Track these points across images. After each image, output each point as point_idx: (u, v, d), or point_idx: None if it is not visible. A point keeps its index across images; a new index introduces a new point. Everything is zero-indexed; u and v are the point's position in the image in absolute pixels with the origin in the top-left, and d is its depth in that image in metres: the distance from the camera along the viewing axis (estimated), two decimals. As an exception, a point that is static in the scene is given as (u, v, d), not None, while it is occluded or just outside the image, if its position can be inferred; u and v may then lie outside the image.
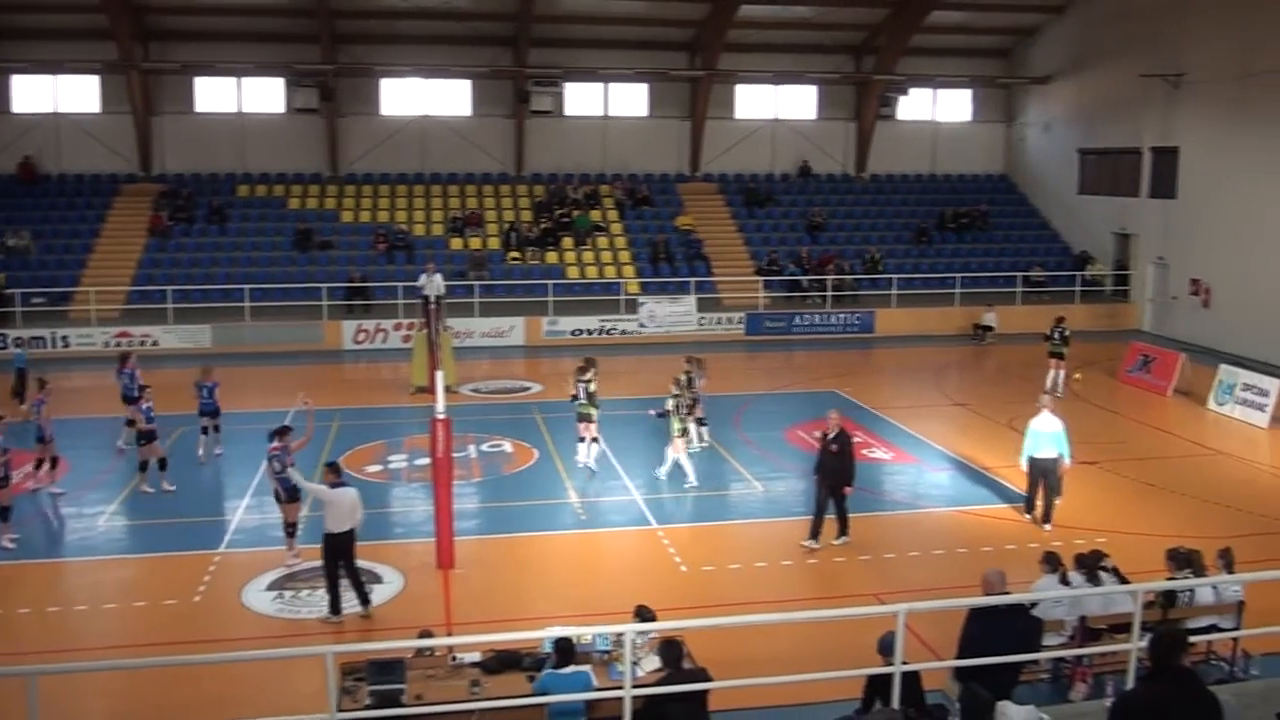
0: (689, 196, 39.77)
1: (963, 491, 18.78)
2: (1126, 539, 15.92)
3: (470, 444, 21.10)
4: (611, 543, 16.29)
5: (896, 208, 40.99)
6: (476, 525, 16.72)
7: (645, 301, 33.19)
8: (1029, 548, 15.34)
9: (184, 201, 36.14)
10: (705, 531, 16.72)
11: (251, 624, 13.26)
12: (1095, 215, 38.27)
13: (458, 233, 36.54)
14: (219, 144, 37.65)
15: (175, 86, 37.19)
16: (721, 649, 11.17)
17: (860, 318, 34.48)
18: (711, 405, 24.78)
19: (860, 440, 21.53)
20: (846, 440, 15.68)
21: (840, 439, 15.58)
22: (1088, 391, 26.27)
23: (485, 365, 29.23)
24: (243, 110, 37.76)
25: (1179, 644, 6.65)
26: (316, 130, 38.00)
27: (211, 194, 36.82)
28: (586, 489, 18.60)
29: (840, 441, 15.56)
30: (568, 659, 9.56)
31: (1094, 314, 35.58)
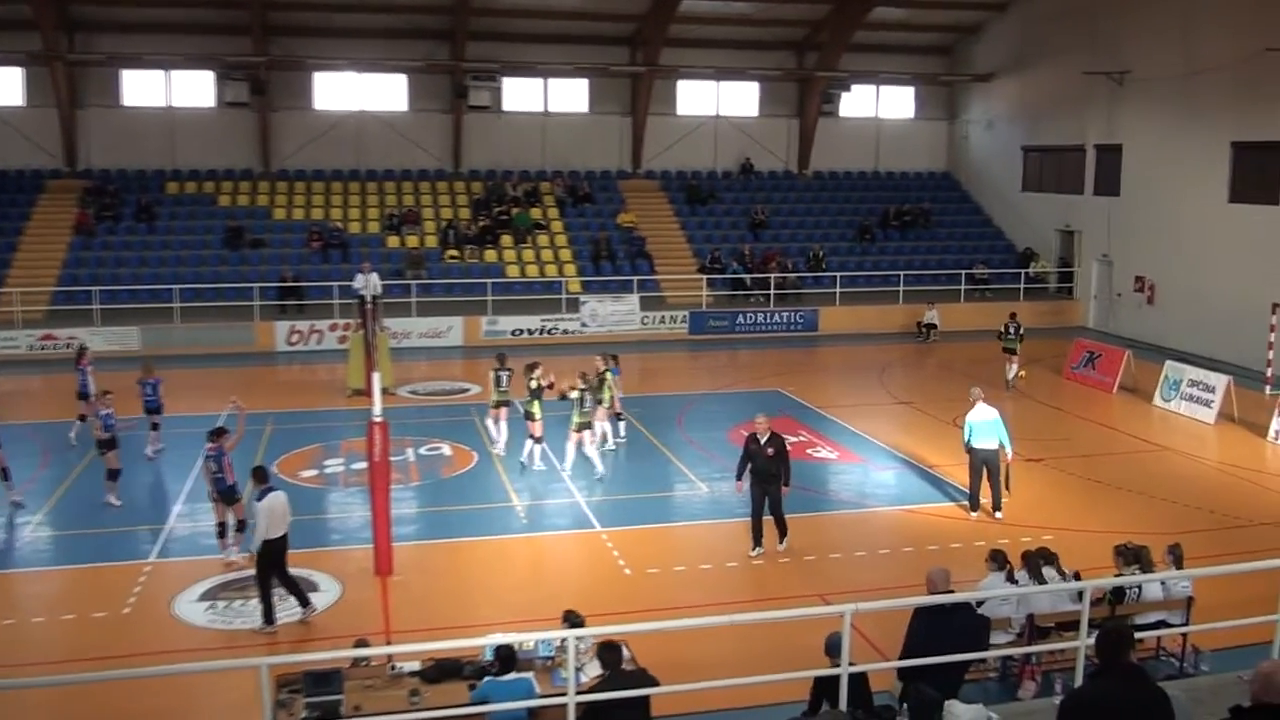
0: (631, 194, 39.76)
1: (908, 490, 18.93)
2: (1073, 536, 16.12)
3: (408, 447, 20.93)
4: (554, 546, 16.23)
5: (839, 205, 41.28)
6: (415, 530, 16.57)
7: (587, 300, 33.13)
8: (975, 546, 15.48)
9: (111, 199, 35.47)
10: (649, 534, 16.69)
11: (183, 636, 13.01)
12: (1039, 212, 38.82)
13: (394, 231, 36.23)
14: (147, 139, 37.00)
15: (101, 79, 36.49)
16: (666, 652, 11.13)
17: (804, 316, 34.67)
18: (654, 405, 24.83)
19: (805, 440, 21.68)
20: (780, 443, 15.64)
21: (775, 442, 15.57)
22: (1032, 388, 26.62)
23: (423, 366, 29.00)
24: (171, 104, 37.15)
25: (1126, 640, 6.71)
26: (248, 125, 37.49)
27: (139, 191, 36.18)
28: (528, 492, 18.51)
29: (777, 445, 15.55)
30: (509, 666, 9.48)
31: (1038, 311, 36.05)
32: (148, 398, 20.31)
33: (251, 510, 13.26)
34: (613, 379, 20.50)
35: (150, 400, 20.33)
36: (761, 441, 15.53)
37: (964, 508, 17.64)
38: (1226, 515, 17.65)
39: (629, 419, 23.30)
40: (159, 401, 20.43)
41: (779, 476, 15.59)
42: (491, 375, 20.66)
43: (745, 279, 36.11)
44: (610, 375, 20.38)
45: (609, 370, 20.40)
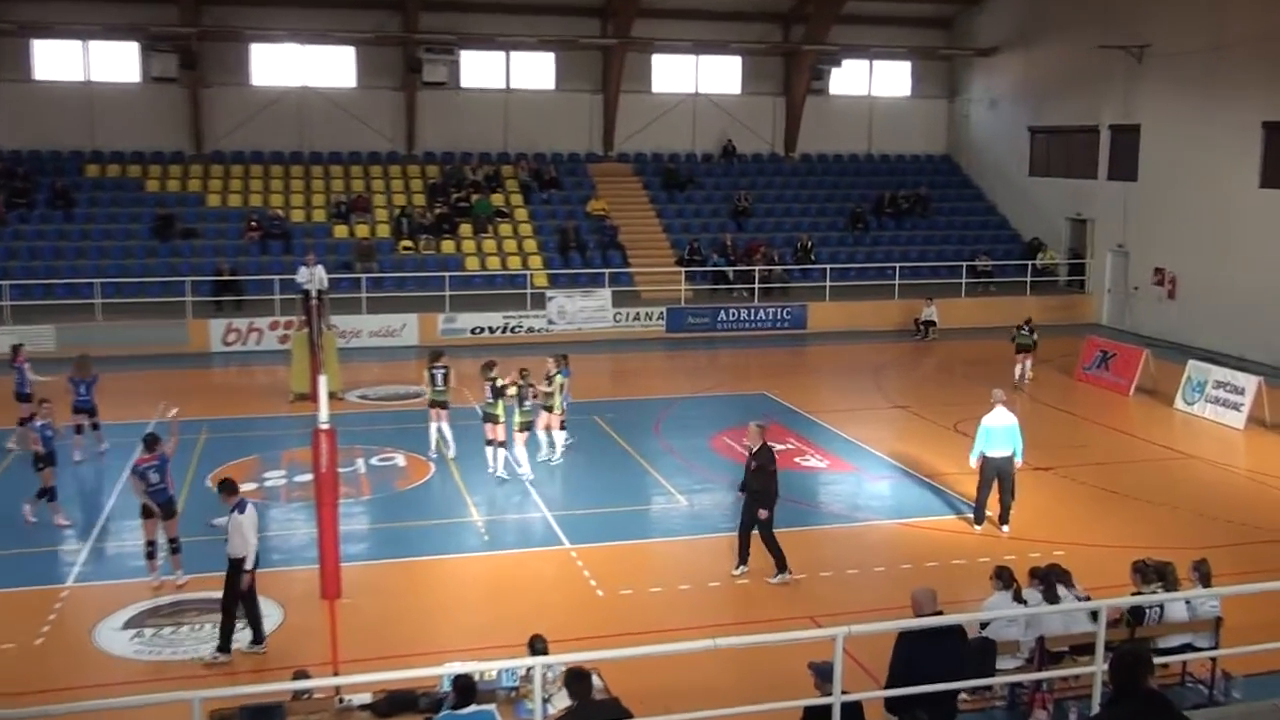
0: (602, 179, 39.73)
1: (906, 502, 18.97)
2: (1087, 551, 16.19)
3: (358, 457, 20.82)
4: (519, 565, 16.16)
5: (829, 191, 41.39)
6: (366, 549, 16.48)
7: (554, 296, 33.07)
8: (979, 562, 15.53)
9: (22, 183, 35.12)
10: (623, 551, 16.65)
11: (106, 668, 12.88)
12: (1048, 199, 39.04)
13: (342, 219, 36.06)
14: (63, 117, 36.66)
15: (11, 51, 36.12)
16: (643, 680, 11.10)
17: (791, 312, 34.73)
18: (628, 410, 24.82)
19: (793, 447, 21.71)
20: (766, 457, 15.37)
21: (759, 455, 15.37)
22: (1041, 391, 26.76)
23: (374, 368, 28.87)
24: (90, 79, 36.82)
25: (1143, 662, 6.72)
26: (177, 102, 37.22)
27: (55, 174, 35.84)
28: (489, 506, 18.45)
29: (759, 458, 15.35)
30: (468, 698, 9.41)
31: (1047, 306, 36.24)
32: (80, 398, 20.43)
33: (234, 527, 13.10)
34: (563, 382, 20.43)
35: (83, 400, 20.45)
36: (751, 451, 15.49)
37: (967, 520, 17.70)
38: (1258, 528, 17.76)
39: (602, 425, 23.31)
40: (93, 402, 20.57)
41: (760, 495, 15.31)
42: (425, 373, 20.90)
43: (727, 272, 36.13)
44: (561, 378, 20.29)
45: (559, 372, 20.29)
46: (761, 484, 15.30)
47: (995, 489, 17.24)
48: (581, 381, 27.64)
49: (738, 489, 15.89)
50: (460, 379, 22.31)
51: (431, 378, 20.80)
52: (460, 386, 22.23)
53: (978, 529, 17.37)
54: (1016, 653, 11.36)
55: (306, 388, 23.94)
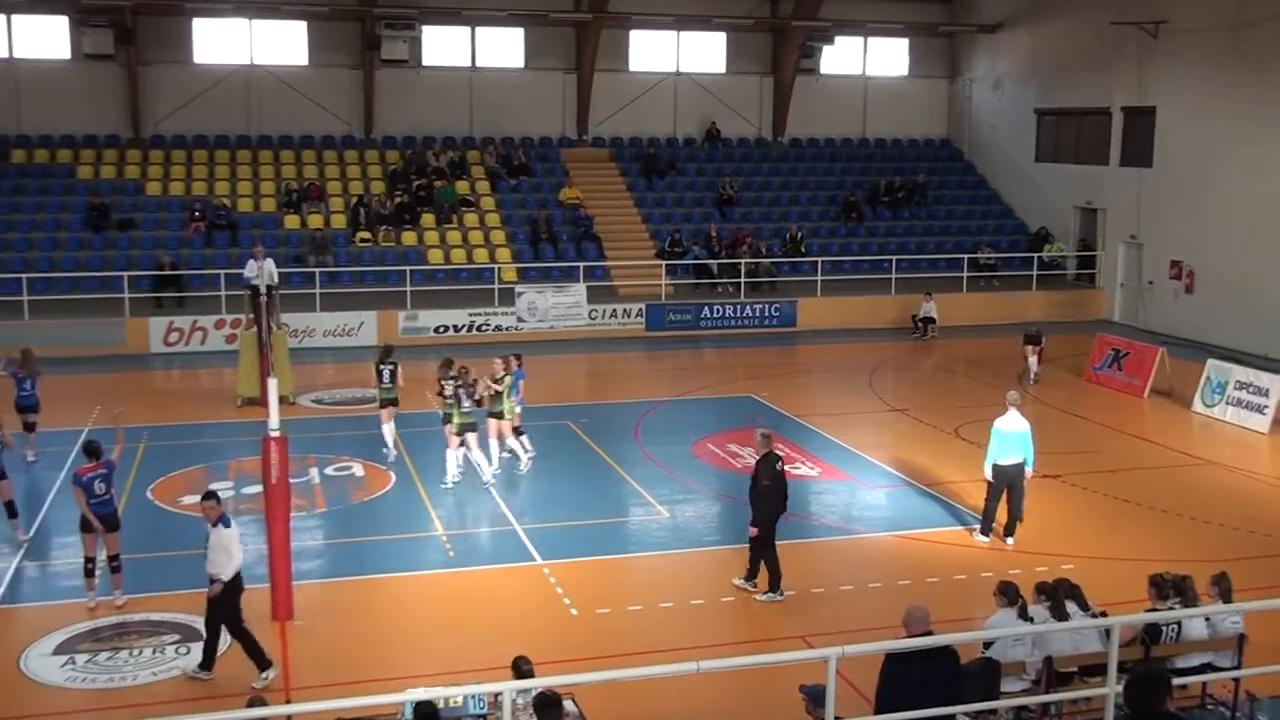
0: (575, 164, 39.73)
1: (904, 513, 19.03)
2: (1099, 565, 16.27)
3: (312, 466, 20.79)
4: (487, 583, 16.14)
5: (820, 178, 41.49)
6: (321, 566, 16.44)
7: (524, 291, 33.07)
8: (982, 577, 15.59)
9: (-55, 171, 34.95)
10: (600, 567, 16.65)
11: (35, 697, 12.81)
12: (1056, 186, 39.23)
13: (293, 209, 35.97)
14: (-11, 99, 36.53)
15: (-68, 27, 35.97)
16: (622, 707, 11.11)
17: (780, 309, 34.82)
18: (604, 415, 24.83)
19: (783, 454, 21.67)
20: (763, 469, 15.38)
21: (757, 466, 15.43)
22: (1048, 392, 26.89)
23: (329, 370, 28.81)
24: (14, 56, 36.57)
25: (1160, 685, 6.76)
26: (112, 82, 37.05)
27: (-20, 161, 35.73)
28: (455, 519, 18.44)
29: (756, 470, 15.43)
30: (433, 726, 9.42)
31: (1054, 302, 36.45)
32: (23, 393, 20.61)
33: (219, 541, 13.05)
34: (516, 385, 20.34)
35: (26, 396, 20.64)
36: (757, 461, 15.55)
37: (970, 530, 17.78)
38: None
39: (576, 431, 23.32)
40: (36, 399, 20.80)
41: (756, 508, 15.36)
42: (373, 370, 21.08)
43: (711, 265, 36.18)
44: (510, 380, 20.18)
45: (510, 374, 20.22)
46: (753, 498, 15.39)
47: (1005, 499, 17.32)
48: (555, 384, 27.71)
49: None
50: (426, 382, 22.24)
51: (378, 374, 21.06)
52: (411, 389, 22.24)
53: (983, 541, 17.44)
54: (1022, 674, 11.39)
55: (255, 392, 23.85)
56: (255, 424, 20.55)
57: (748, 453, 21.90)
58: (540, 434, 22.31)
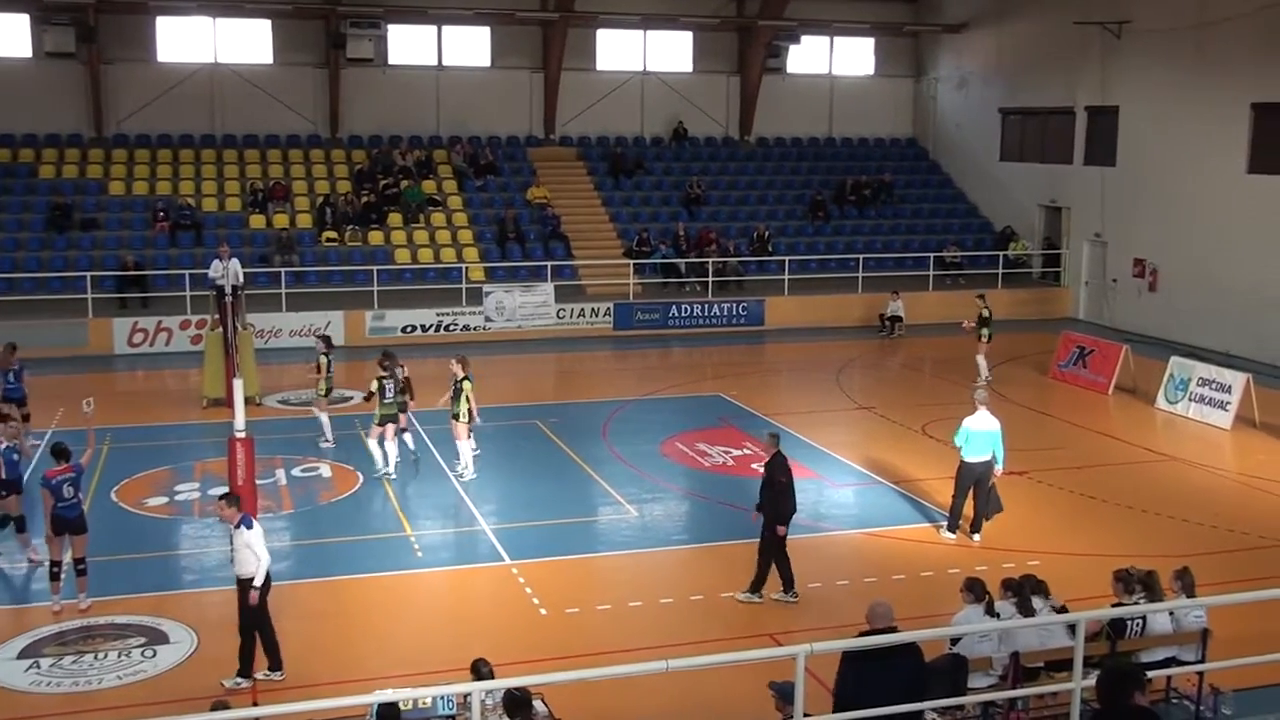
0: (543, 164, 39.69)
1: (871, 510, 19.11)
2: (1064, 561, 16.40)
3: (278, 468, 20.72)
4: (456, 584, 16.15)
5: (787, 177, 41.61)
6: (288, 568, 16.35)
7: (492, 290, 33.02)
8: (949, 574, 15.65)
9: (-95, 170, 34.61)
10: (568, 566, 16.66)
11: (1, 702, 12.70)
12: (1020, 185, 39.45)
13: (259, 208, 35.79)
14: (-51, 98, 36.20)
15: (-109, 26, 35.61)
16: (591, 705, 11.11)
17: (747, 308, 34.89)
18: (572, 414, 24.84)
19: (750, 453, 21.80)
20: (776, 468, 15.36)
21: (769, 466, 15.40)
22: (1013, 389, 27.01)
23: (295, 371, 28.64)
24: (-20, 56, 36.34)
25: (1131, 678, 6.82)
26: (74, 80, 36.75)
27: (-59, 161, 35.41)
28: (424, 519, 18.40)
29: (769, 469, 15.41)
30: (397, 728, 9.40)
31: (1019, 300, 36.64)
32: (10, 386, 20.67)
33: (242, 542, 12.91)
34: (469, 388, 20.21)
35: (12, 389, 20.69)
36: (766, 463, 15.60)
37: (937, 528, 17.88)
38: (1246, 534, 18.06)
39: (545, 430, 23.31)
40: (23, 391, 20.95)
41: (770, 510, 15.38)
42: (375, 383, 20.39)
43: (679, 264, 36.23)
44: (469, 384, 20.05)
45: (466, 378, 20.09)
46: (769, 499, 15.34)
47: (972, 496, 17.42)
48: (523, 383, 27.73)
49: (754, 508, 15.73)
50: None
51: (381, 389, 20.27)
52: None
53: (949, 538, 17.54)
54: (989, 670, 11.46)
55: (221, 393, 23.78)
56: (221, 425, 20.50)
57: (717, 451, 22.01)
58: (509, 433, 22.31)
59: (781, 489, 15.29)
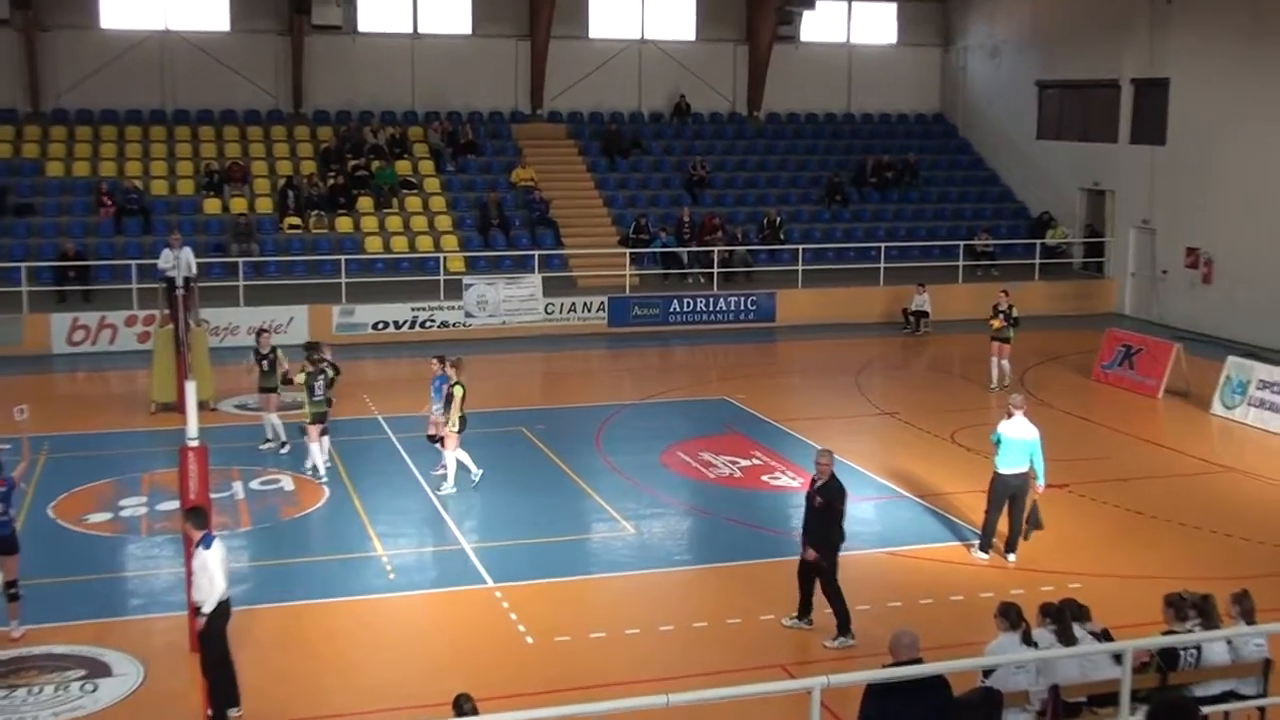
0: (529, 142, 39.67)
1: (894, 527, 19.07)
2: (1109, 583, 16.37)
3: (236, 480, 20.69)
4: (433, 609, 16.12)
5: (801, 157, 41.59)
6: (246, 591, 16.26)
7: (473, 283, 32.97)
8: (981, 598, 15.64)
9: None
10: (559, 590, 16.64)
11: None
12: (1059, 166, 39.42)
13: (214, 191, 35.75)
14: None
15: None
16: (583, 747, 11.06)
17: (757, 302, 34.87)
18: (562, 420, 24.80)
19: (760, 463, 21.80)
20: (837, 493, 15.14)
21: (828, 490, 15.12)
22: (1051, 393, 26.98)
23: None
24: (-96, 22, 36.34)
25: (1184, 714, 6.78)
26: (8, 49, 36.69)
27: None
28: (397, 537, 18.36)
29: (827, 493, 15.11)
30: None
31: (1058, 294, 36.61)
32: None
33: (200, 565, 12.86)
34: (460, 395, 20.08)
35: None
36: (816, 485, 15.28)
37: (967, 547, 17.84)
38: (1311, 553, 18.07)
39: (531, 438, 23.28)
40: None
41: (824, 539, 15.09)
42: (303, 377, 20.73)
43: (681, 254, 36.19)
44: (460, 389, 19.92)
45: (457, 384, 19.95)
46: (825, 525, 15.05)
47: (1007, 512, 17.38)
48: (507, 386, 27.69)
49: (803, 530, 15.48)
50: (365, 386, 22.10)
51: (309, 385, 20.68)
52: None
53: (981, 558, 17.50)
54: (1026, 705, 11.42)
55: (171, 396, 23.71)
56: (171, 432, 20.42)
57: (722, 461, 21.98)
58: (492, 442, 22.26)
59: (839, 517, 15.07)
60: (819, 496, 15.10)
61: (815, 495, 15.16)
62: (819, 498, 15.09)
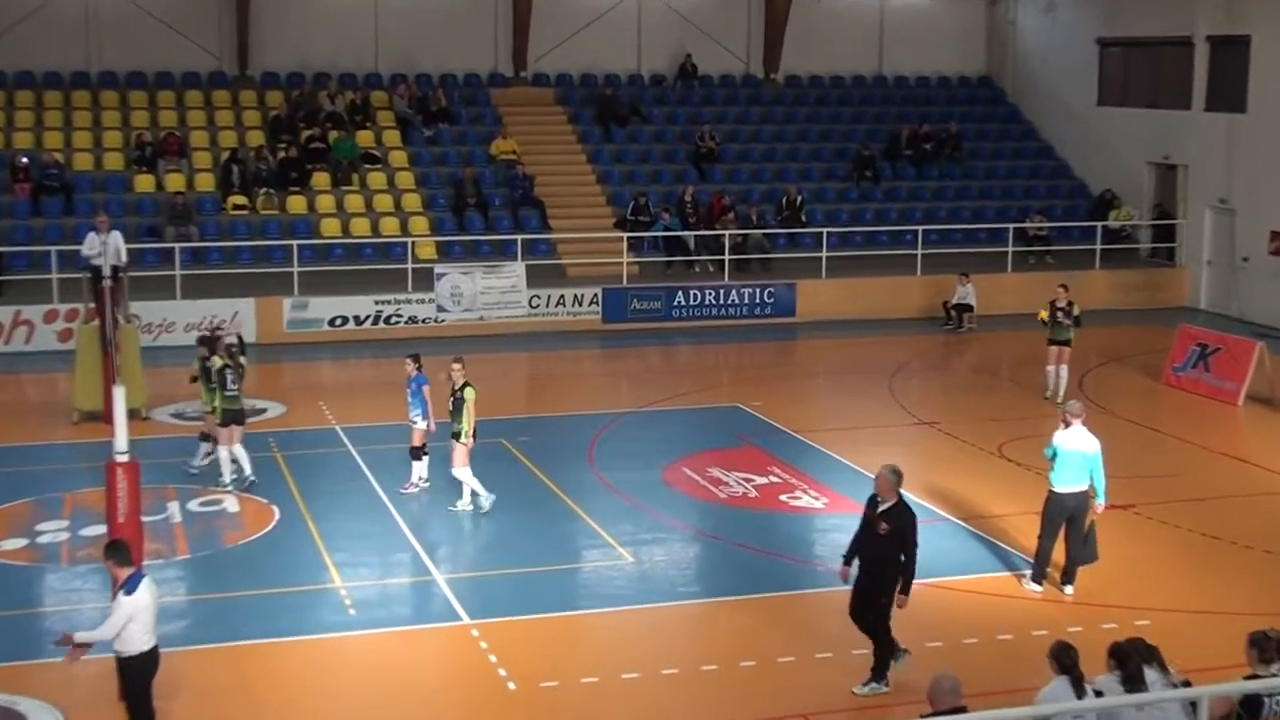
0: (511, 109, 39.69)
1: (934, 555, 18.86)
2: (1182, 620, 16.37)
3: (172, 501, 20.66)
4: (400, 649, 16.08)
5: (825, 126, 41.60)
6: (184, 630, 16.29)
7: (446, 272, 32.95)
8: (1034, 636, 15.60)
9: None
10: (545, 627, 16.63)
11: None
12: (1124, 137, 39.41)
13: (147, 166, 35.72)
14: None
15: None
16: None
17: (774, 294, 34.87)
18: (549, 430, 24.80)
19: (779, 481, 21.78)
20: (907, 519, 14.86)
21: (898, 516, 14.84)
22: (1114, 398, 26.95)
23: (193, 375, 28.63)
24: None
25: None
26: (-89, 4, 36.82)
27: None
28: (359, 566, 18.35)
29: (895, 519, 14.82)
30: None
31: (1122, 284, 36.62)
32: None
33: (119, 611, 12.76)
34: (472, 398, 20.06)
35: None
36: (878, 508, 14.99)
37: (1018, 578, 17.81)
38: None
39: (513, 451, 23.28)
40: None
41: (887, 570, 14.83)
42: (197, 364, 21.23)
43: (686, 239, 36.19)
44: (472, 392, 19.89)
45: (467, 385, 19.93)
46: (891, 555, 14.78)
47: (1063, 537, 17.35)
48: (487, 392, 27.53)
49: (842, 559, 15.38)
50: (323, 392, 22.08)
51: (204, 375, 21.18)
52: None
53: (1035, 590, 17.47)
54: (1087, 762, 11.42)
55: (97, 404, 23.76)
56: (97, 445, 20.39)
57: (735, 479, 21.97)
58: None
59: (912, 547, 14.76)
60: (884, 522, 14.75)
61: (879, 520, 14.82)
62: (884, 523, 14.74)
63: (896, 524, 14.74)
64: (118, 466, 14.34)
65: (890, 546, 14.72)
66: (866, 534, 14.98)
